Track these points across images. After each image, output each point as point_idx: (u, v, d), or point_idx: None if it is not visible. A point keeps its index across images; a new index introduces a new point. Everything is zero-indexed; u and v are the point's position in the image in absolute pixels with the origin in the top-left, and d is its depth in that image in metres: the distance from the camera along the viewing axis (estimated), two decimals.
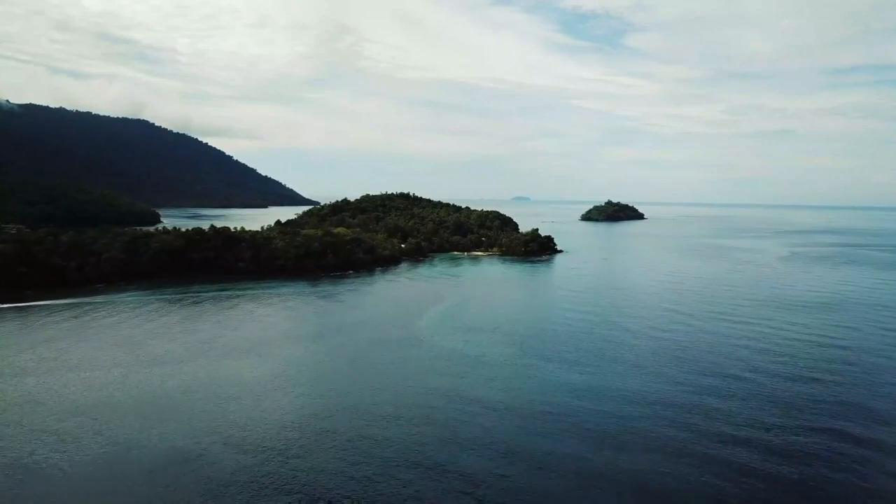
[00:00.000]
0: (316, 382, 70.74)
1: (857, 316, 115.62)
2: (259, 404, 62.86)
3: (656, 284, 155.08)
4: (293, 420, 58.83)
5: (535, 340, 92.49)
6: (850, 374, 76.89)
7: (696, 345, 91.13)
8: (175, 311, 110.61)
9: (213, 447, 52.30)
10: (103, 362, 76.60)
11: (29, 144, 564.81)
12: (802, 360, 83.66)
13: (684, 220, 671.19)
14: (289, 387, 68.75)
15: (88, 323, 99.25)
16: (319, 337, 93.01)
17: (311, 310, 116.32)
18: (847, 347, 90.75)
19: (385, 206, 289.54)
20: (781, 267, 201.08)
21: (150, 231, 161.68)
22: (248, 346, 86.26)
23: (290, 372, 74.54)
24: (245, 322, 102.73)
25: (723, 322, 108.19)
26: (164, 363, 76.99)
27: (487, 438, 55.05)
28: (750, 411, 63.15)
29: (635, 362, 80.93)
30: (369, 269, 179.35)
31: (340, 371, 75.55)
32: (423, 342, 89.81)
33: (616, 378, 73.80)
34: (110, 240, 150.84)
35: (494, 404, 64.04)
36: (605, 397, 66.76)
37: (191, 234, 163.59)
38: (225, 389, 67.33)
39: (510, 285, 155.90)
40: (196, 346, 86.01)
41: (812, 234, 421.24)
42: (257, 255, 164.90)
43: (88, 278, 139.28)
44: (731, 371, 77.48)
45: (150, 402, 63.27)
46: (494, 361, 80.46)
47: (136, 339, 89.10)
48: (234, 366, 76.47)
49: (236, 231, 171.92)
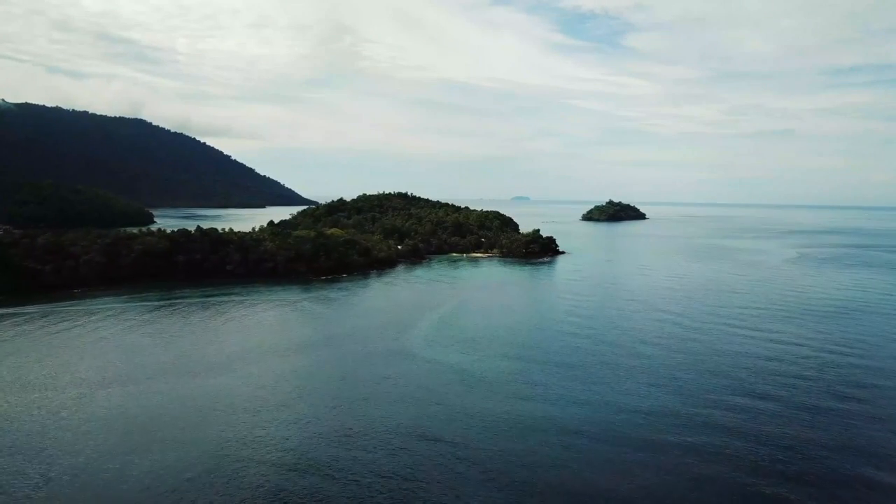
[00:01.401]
0: (289, 406, 63.70)
1: (879, 324, 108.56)
2: (224, 432, 55.86)
3: (663, 289, 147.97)
4: (261, 452, 51.83)
5: (536, 352, 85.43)
6: (884, 393, 69.84)
7: (711, 359, 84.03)
8: (153, 320, 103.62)
9: (173, 481, 45.32)
10: (63, 381, 69.55)
11: (24, 144, 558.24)
12: (825, 373, 76.60)
13: (686, 220, 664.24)
14: (259, 411, 61.72)
15: (58, 334, 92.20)
16: (302, 350, 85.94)
17: (297, 318, 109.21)
18: (872, 358, 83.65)
19: (382, 206, 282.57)
20: (790, 269, 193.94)
21: (133, 233, 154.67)
22: (222, 361, 79.21)
23: (262, 393, 67.48)
24: (224, 333, 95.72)
25: (737, 332, 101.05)
26: (130, 382, 69.98)
27: (490, 469, 48.05)
28: (783, 438, 56.14)
29: (649, 380, 73.83)
30: (364, 272, 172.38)
31: (319, 393, 68.52)
32: (414, 356, 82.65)
33: (630, 398, 66.75)
34: (90, 242, 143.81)
35: (493, 437, 57.02)
36: (617, 420, 59.76)
37: (176, 235, 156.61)
38: (190, 414, 60.35)
39: (510, 290, 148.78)
40: (168, 361, 79.01)
41: (816, 234, 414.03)
42: (246, 258, 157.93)
43: (65, 283, 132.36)
44: (759, 388, 70.42)
45: (105, 428, 56.27)
46: (492, 379, 73.39)
47: (105, 353, 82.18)
48: (202, 385, 69.45)
49: (224, 232, 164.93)
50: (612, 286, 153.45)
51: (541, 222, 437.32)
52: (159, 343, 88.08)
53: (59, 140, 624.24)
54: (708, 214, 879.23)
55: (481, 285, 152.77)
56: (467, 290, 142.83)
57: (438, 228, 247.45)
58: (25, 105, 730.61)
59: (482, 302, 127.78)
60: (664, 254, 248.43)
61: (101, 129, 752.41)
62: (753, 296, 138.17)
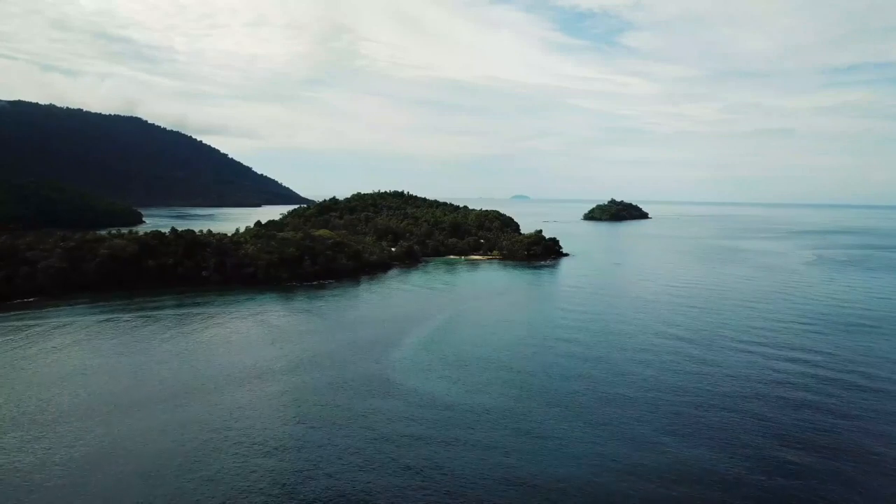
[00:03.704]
0: (240, 454, 50.96)
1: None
2: (153, 487, 43.16)
3: (681, 299, 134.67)
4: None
5: (538, 382, 72.55)
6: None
7: (753, 391, 71.28)
8: (105, 337, 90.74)
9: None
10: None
11: (17, 142, 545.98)
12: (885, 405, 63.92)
13: (689, 219, 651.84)
14: (197, 463, 49.01)
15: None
16: (266, 377, 72.96)
17: (269, 334, 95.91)
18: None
19: (377, 206, 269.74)
20: (811, 274, 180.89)
21: (101, 235, 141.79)
22: (166, 393, 66.35)
23: (207, 437, 54.75)
24: (180, 354, 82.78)
25: (774, 352, 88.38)
26: (48, 421, 57.27)
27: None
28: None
29: (673, 425, 61.06)
30: (354, 278, 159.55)
31: (278, 436, 55.74)
32: (396, 386, 69.53)
33: (655, 447, 54.01)
34: (50, 246, 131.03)
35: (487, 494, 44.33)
36: (639, 475, 47.07)
37: (147, 238, 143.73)
38: (112, 467, 47.62)
39: (511, 299, 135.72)
40: (105, 392, 66.30)
41: (828, 234, 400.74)
42: (223, 263, 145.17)
43: (20, 291, 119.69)
44: (807, 436, 57.77)
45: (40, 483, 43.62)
46: (484, 422, 60.54)
47: (39, 378, 69.58)
48: (132, 427, 56.65)
49: (201, 234, 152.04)
50: (623, 297, 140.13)
51: (542, 222, 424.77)
52: (100, 368, 75.24)
53: (53, 138, 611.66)
54: (710, 214, 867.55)
55: (479, 293, 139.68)
56: (463, 300, 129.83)
57: (435, 229, 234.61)
58: (18, 103, 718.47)
59: (479, 314, 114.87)
60: (674, 257, 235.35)
61: (95, 127, 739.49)
62: (778, 306, 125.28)
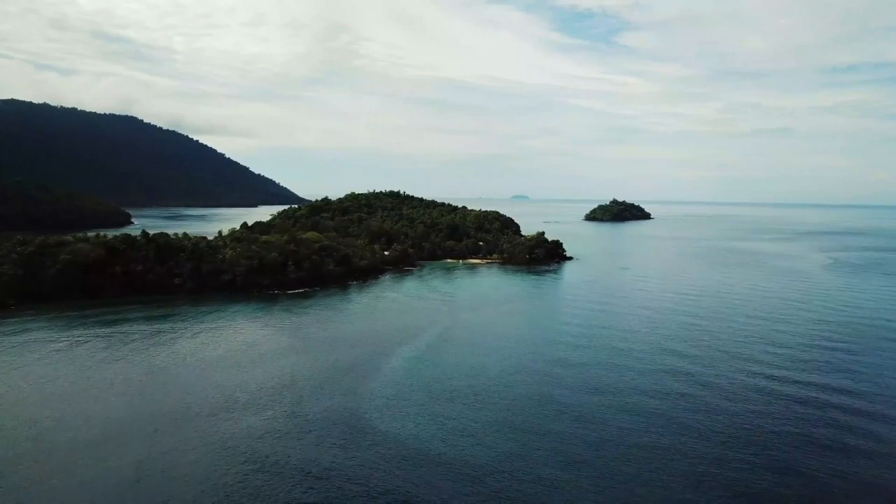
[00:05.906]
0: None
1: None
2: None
3: (699, 309, 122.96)
4: None
5: (541, 422, 61.01)
6: None
7: (797, 426, 59.82)
8: (53, 355, 79.22)
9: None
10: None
11: (9, 141, 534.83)
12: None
13: (692, 220, 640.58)
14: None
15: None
16: (221, 413, 61.26)
17: (233, 355, 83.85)
18: None
19: (371, 206, 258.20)
20: (832, 280, 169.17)
21: (63, 238, 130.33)
22: (103, 431, 54.81)
23: (132, 494, 43.32)
24: (131, 380, 71.05)
25: (812, 376, 76.94)
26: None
27: None
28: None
29: (702, 475, 49.60)
30: (342, 284, 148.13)
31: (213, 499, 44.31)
32: (363, 432, 56.96)
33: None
34: (6, 251, 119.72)
35: None
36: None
37: (115, 242, 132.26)
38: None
39: (511, 309, 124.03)
40: (43, 429, 54.84)
41: (838, 235, 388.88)
42: (199, 269, 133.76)
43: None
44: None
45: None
46: (473, 477, 49.04)
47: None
48: (57, 474, 45.26)
49: (175, 238, 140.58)
50: (636, 310, 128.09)
51: (542, 222, 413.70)
52: (42, 398, 63.83)
53: (46, 137, 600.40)
54: (712, 214, 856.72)
55: (477, 303, 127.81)
56: (459, 311, 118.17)
57: (432, 231, 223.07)
58: (12, 101, 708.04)
59: (474, 330, 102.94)
60: (683, 260, 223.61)
61: (89, 126, 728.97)
62: (806, 320, 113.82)
